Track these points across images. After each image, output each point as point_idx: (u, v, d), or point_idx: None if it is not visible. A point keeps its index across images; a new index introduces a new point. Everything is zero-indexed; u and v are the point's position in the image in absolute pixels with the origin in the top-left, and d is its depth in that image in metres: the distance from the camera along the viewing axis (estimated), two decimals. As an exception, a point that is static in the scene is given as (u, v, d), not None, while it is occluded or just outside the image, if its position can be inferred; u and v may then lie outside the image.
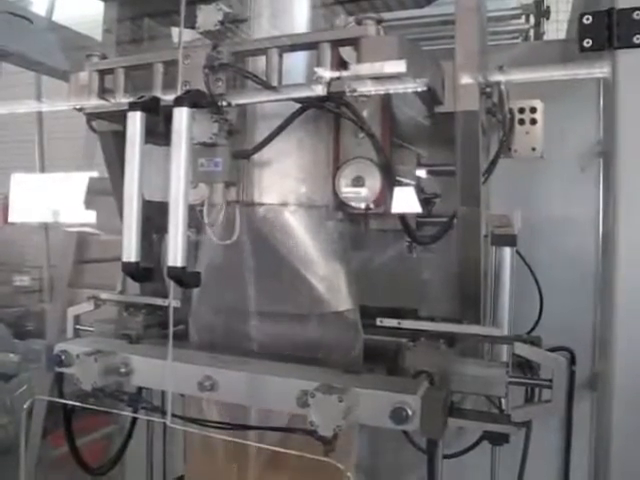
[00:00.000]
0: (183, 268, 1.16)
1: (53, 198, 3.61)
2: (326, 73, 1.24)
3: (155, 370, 1.48)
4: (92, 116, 1.73)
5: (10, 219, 5.87)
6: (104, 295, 1.97)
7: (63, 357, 1.61)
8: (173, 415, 1.31)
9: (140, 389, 1.73)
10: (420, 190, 1.76)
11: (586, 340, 2.08)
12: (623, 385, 1.24)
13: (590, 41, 1.17)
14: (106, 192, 3.30)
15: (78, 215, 3.36)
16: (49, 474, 3.41)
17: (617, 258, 1.34)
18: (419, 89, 1.30)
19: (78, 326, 1.98)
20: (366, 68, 1.25)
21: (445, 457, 1.79)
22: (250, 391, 1.35)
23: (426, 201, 1.84)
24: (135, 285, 2.02)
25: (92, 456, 3.27)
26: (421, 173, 1.75)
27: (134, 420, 2.06)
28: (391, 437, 1.93)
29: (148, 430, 2.18)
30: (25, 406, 1.61)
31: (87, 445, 3.11)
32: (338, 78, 1.25)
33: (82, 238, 3.46)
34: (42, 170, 3.44)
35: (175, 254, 1.15)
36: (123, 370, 1.50)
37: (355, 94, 1.29)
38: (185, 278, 1.18)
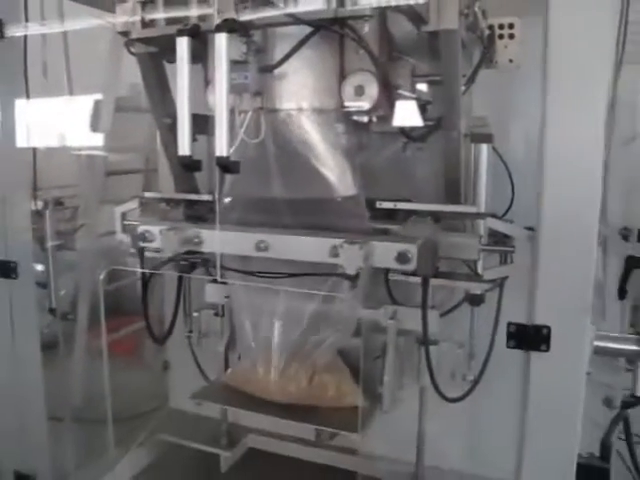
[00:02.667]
0: (227, 157, 1.53)
1: (61, 122, 3.76)
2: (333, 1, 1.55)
3: (221, 238, 1.86)
4: (133, 41, 2.03)
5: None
6: (147, 194, 2.34)
7: (147, 235, 2.01)
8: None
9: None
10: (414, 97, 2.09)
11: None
12: (547, 240, 1.57)
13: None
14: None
15: (82, 137, 3.64)
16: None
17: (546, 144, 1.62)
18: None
19: (125, 221, 2.35)
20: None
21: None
22: (294, 248, 1.79)
23: (420, 107, 2.17)
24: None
25: (126, 347, 3.73)
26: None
27: (180, 282, 2.48)
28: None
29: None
30: (101, 277, 1.99)
31: (122, 339, 3.57)
32: (342, 5, 1.57)
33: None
34: (70, 92, 3.72)
35: (221, 147, 1.51)
36: (196, 240, 1.91)
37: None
38: (229, 165, 1.55)
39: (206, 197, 2.16)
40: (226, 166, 1.55)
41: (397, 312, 2.06)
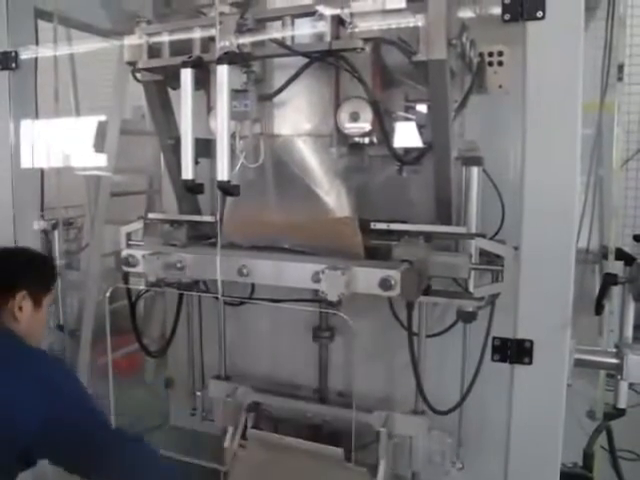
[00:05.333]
0: (228, 181, 1.62)
1: (64, 143, 3.84)
2: (328, 34, 1.65)
3: (204, 263, 1.95)
4: (139, 69, 2.13)
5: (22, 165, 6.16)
6: (151, 215, 2.42)
7: (130, 259, 2.09)
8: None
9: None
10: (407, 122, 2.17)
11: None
12: (528, 259, 1.65)
13: (509, 15, 1.61)
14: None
15: (89, 158, 3.73)
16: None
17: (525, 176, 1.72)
18: (419, 23, 1.66)
19: (130, 242, 2.41)
20: (369, 5, 1.66)
21: (429, 336, 2.29)
22: (276, 274, 1.83)
23: (414, 131, 2.25)
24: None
25: (128, 365, 3.78)
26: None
27: (180, 303, 2.56)
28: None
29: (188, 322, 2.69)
30: (107, 294, 2.07)
31: (121, 357, 3.61)
32: (337, 37, 1.67)
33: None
34: (77, 114, 3.84)
35: (222, 171, 1.60)
36: (179, 265, 1.97)
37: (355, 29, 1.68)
38: (229, 188, 1.64)
39: (208, 218, 2.24)
40: (227, 189, 1.63)
41: (389, 418, 2.21)
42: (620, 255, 2.26)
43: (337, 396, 2.56)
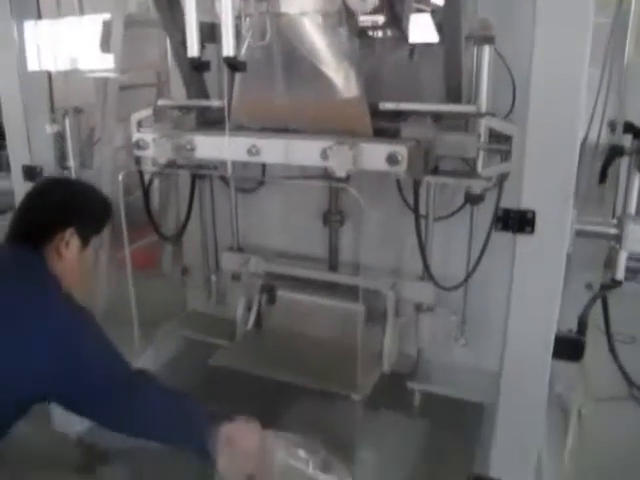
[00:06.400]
0: (234, 57, 1.60)
1: (69, 43, 3.75)
2: None
3: (214, 144, 1.97)
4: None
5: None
6: (161, 102, 2.42)
7: (141, 143, 2.11)
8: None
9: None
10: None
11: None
12: (533, 129, 1.63)
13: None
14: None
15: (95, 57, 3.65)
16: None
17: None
18: None
19: (141, 129, 2.42)
20: None
21: (436, 219, 2.33)
22: (285, 152, 1.86)
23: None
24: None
25: (144, 258, 3.87)
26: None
27: (192, 190, 2.64)
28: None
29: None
30: (120, 178, 2.10)
31: (138, 250, 3.68)
32: None
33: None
34: (81, 12, 3.73)
35: (228, 46, 1.58)
36: (189, 147, 2.00)
37: None
38: (237, 64, 1.62)
39: (216, 103, 2.24)
40: (233, 65, 1.62)
41: (396, 284, 2.31)
42: (629, 128, 2.23)
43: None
